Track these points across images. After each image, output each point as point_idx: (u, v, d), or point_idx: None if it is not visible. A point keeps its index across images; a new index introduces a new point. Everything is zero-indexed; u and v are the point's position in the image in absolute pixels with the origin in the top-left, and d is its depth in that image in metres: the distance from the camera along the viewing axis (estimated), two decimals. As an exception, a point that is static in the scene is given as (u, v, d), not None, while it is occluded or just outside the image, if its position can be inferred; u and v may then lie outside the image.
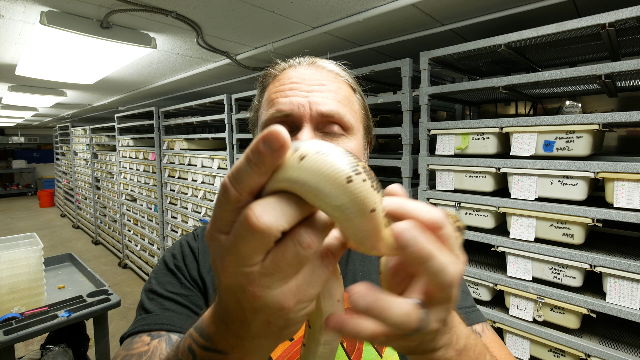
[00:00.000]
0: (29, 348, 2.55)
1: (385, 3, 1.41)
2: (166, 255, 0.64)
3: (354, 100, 0.58)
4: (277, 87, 0.55)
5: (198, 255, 0.62)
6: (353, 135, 0.56)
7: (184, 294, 0.57)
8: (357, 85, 0.61)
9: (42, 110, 4.94)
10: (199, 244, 0.64)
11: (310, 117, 0.52)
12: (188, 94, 3.51)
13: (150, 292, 0.58)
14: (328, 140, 0.53)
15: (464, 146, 1.47)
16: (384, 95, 2.67)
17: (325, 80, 0.55)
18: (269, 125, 0.52)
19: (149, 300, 0.57)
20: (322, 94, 0.53)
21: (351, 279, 0.62)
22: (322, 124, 0.53)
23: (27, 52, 1.85)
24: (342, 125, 0.54)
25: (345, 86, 0.57)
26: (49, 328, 1.57)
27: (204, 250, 0.63)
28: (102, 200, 5.38)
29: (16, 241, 2.11)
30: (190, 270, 0.60)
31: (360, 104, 0.60)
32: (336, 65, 0.59)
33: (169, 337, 0.51)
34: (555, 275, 1.26)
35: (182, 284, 0.58)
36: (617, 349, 1.15)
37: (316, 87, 0.54)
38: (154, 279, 0.60)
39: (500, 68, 1.83)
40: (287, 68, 0.58)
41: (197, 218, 3.06)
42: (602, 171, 1.14)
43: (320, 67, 0.57)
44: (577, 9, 1.38)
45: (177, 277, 0.59)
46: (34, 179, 11.17)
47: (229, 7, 1.46)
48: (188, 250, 0.63)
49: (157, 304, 0.56)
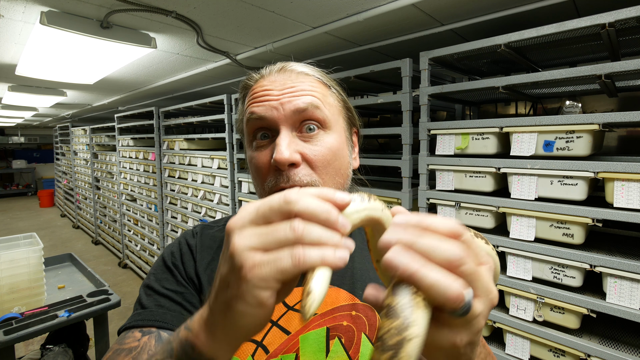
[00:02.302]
0: (29, 348, 2.55)
1: (385, 3, 1.41)
2: (165, 252, 0.65)
3: (327, 95, 0.59)
4: (252, 97, 0.58)
5: (195, 254, 0.63)
6: (331, 130, 0.57)
7: (179, 291, 0.59)
8: (330, 81, 0.62)
9: (42, 110, 4.94)
10: (197, 241, 0.66)
11: (284, 117, 0.54)
12: (188, 94, 3.51)
13: (148, 287, 0.60)
14: (306, 137, 0.55)
15: (464, 146, 1.47)
16: (384, 95, 2.67)
17: (295, 81, 0.57)
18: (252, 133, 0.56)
19: (145, 295, 0.59)
20: (293, 93, 0.55)
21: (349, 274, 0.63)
22: (297, 122, 0.55)
23: (27, 52, 1.85)
24: (318, 120, 0.55)
25: (316, 83, 0.59)
26: (49, 328, 1.58)
27: (201, 248, 0.64)
28: (102, 200, 5.38)
29: (16, 241, 2.11)
30: (187, 269, 0.62)
31: (337, 97, 0.62)
32: (304, 65, 0.61)
33: (158, 334, 0.53)
34: (555, 275, 1.26)
35: (178, 282, 0.60)
36: (617, 349, 1.15)
37: (287, 90, 0.55)
38: (152, 275, 0.62)
39: (500, 68, 1.83)
40: (259, 79, 0.60)
41: (197, 218, 3.06)
42: (602, 171, 1.14)
43: (289, 71, 0.59)
44: (577, 9, 1.38)
45: (173, 274, 0.61)
46: (34, 179, 11.17)
47: (229, 7, 1.46)
48: (186, 248, 0.65)
49: (153, 300, 0.58)
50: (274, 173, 0.54)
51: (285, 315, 0.59)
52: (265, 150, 0.56)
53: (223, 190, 2.73)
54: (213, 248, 0.65)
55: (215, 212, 2.85)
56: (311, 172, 0.54)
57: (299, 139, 0.55)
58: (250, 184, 2.53)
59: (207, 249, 0.64)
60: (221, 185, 2.81)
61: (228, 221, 0.67)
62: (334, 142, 0.56)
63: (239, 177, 2.59)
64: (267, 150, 0.55)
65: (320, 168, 0.54)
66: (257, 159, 0.56)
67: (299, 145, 0.54)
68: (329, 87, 0.61)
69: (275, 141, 0.53)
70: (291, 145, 0.53)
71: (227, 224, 0.33)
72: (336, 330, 0.59)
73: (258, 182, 0.57)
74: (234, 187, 2.64)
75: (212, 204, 2.86)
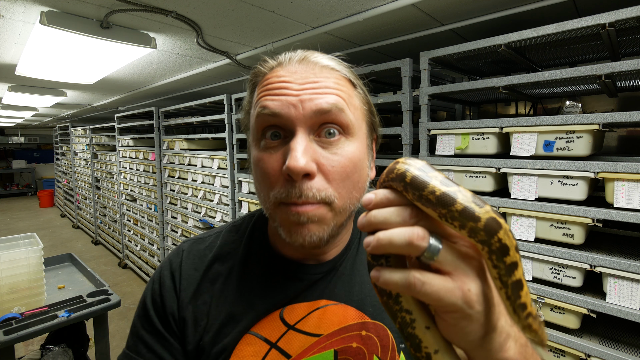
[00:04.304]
0: (29, 348, 2.55)
1: (385, 3, 1.41)
2: (148, 285, 0.60)
3: (353, 95, 0.51)
4: (265, 87, 0.49)
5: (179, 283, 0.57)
6: (354, 136, 0.49)
7: (156, 339, 0.55)
8: (356, 79, 0.54)
9: (42, 110, 4.94)
10: (183, 263, 0.58)
11: (303, 117, 0.46)
12: (188, 94, 3.51)
13: (134, 325, 0.57)
14: (325, 143, 0.47)
15: (464, 146, 1.47)
16: (384, 95, 2.66)
17: (318, 76, 0.48)
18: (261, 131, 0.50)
19: (131, 334, 0.57)
20: (315, 90, 0.47)
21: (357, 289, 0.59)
22: (317, 124, 0.47)
23: (27, 52, 1.85)
24: (340, 124, 0.48)
25: (342, 80, 0.51)
26: (49, 328, 1.57)
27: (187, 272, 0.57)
28: (102, 200, 5.38)
29: (16, 241, 2.11)
30: (167, 305, 0.56)
31: (362, 99, 0.54)
32: (331, 58, 0.52)
33: None
34: (555, 275, 1.26)
35: (155, 329, 0.55)
36: (617, 349, 1.15)
37: (308, 84, 0.47)
38: (137, 310, 0.59)
39: (500, 68, 1.83)
40: (276, 66, 0.52)
41: (197, 218, 3.06)
42: (602, 171, 1.14)
43: (313, 63, 0.50)
44: (577, 9, 1.38)
45: (150, 320, 0.56)
46: (34, 179, 11.16)
47: (229, 7, 1.46)
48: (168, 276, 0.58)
49: (135, 345, 0.56)
50: (285, 183, 0.46)
51: (285, 336, 0.52)
52: (275, 153, 0.48)
53: (223, 191, 2.73)
54: (200, 271, 0.57)
55: (215, 212, 2.85)
56: (327, 186, 0.46)
57: (316, 145, 0.47)
58: (250, 184, 2.53)
59: (193, 272, 0.57)
60: (221, 185, 2.81)
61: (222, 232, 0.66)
62: (355, 152, 0.49)
63: (239, 177, 2.59)
64: (278, 155, 0.47)
65: (337, 181, 0.47)
66: (266, 162, 0.48)
67: (316, 152, 0.46)
68: (355, 86, 0.53)
69: (290, 144, 0.46)
70: (308, 152, 0.45)
71: None
72: (345, 353, 0.52)
73: (263, 189, 0.49)
74: (234, 187, 2.64)
75: (212, 204, 2.86)
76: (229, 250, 0.60)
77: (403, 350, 0.55)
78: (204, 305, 0.55)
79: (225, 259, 0.58)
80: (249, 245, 0.60)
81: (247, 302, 0.54)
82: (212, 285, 0.56)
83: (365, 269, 0.59)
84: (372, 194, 0.33)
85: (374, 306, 0.56)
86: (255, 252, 0.59)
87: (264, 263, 0.57)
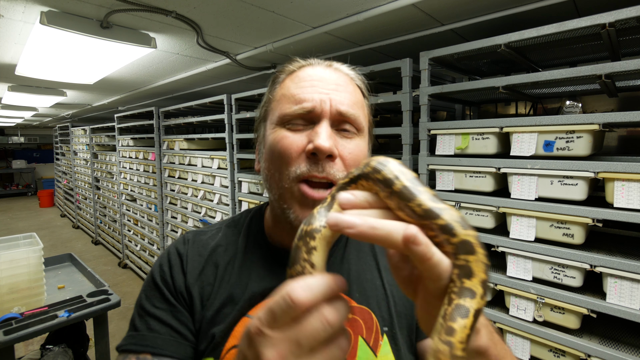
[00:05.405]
0: (29, 348, 2.55)
1: (385, 3, 1.41)
2: (154, 267, 0.64)
3: (364, 104, 0.62)
4: (296, 83, 0.57)
5: (185, 265, 0.62)
6: (363, 136, 0.59)
7: (168, 309, 0.58)
8: (366, 90, 0.65)
9: (42, 110, 4.94)
10: (188, 249, 0.64)
11: (330, 113, 0.55)
12: (188, 94, 3.51)
13: (140, 307, 0.60)
14: (343, 137, 0.56)
15: (464, 146, 1.47)
16: (384, 95, 2.66)
17: (342, 82, 0.58)
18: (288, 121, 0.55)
19: (138, 316, 0.59)
20: (341, 94, 0.56)
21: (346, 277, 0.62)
22: (337, 121, 0.56)
23: (27, 52, 1.85)
24: (356, 125, 0.57)
25: (358, 90, 0.61)
26: (49, 328, 1.57)
27: (192, 257, 0.63)
28: (102, 200, 5.38)
29: (16, 241, 2.11)
30: (177, 282, 0.60)
31: (368, 108, 0.64)
32: (351, 69, 0.63)
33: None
34: (555, 275, 1.26)
35: (167, 300, 0.59)
36: (617, 349, 1.15)
37: (334, 86, 0.56)
38: (144, 292, 0.62)
39: (500, 68, 1.83)
40: (306, 66, 0.60)
41: (197, 218, 3.06)
42: (602, 171, 1.14)
43: (338, 70, 0.60)
44: (577, 9, 1.38)
45: (161, 292, 0.60)
46: (34, 179, 11.16)
47: (229, 7, 1.46)
48: (176, 259, 0.63)
49: (144, 322, 0.58)
50: (307, 160, 0.53)
51: None
52: (299, 134, 0.55)
53: (223, 190, 2.73)
54: (204, 256, 0.63)
55: (215, 212, 2.85)
56: (344, 170, 0.54)
57: (336, 135, 0.56)
58: (250, 184, 2.53)
59: (197, 257, 0.63)
60: (221, 185, 2.81)
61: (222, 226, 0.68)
62: (364, 147, 0.59)
63: (239, 177, 2.59)
64: (302, 135, 0.54)
65: (352, 167, 0.54)
66: (289, 139, 0.54)
67: (337, 140, 0.55)
68: (364, 95, 0.63)
69: (316, 129, 0.53)
70: (332, 138, 0.53)
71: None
72: None
73: (280, 167, 0.55)
74: (234, 187, 2.64)
75: (212, 204, 2.86)
76: (229, 241, 0.66)
77: (386, 332, 0.60)
78: (208, 286, 0.60)
79: (226, 248, 0.64)
80: (247, 236, 0.66)
81: (245, 286, 0.59)
82: (215, 269, 0.62)
83: (353, 258, 0.65)
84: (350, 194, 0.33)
85: (360, 292, 0.61)
86: (252, 242, 0.65)
87: (261, 252, 0.63)
